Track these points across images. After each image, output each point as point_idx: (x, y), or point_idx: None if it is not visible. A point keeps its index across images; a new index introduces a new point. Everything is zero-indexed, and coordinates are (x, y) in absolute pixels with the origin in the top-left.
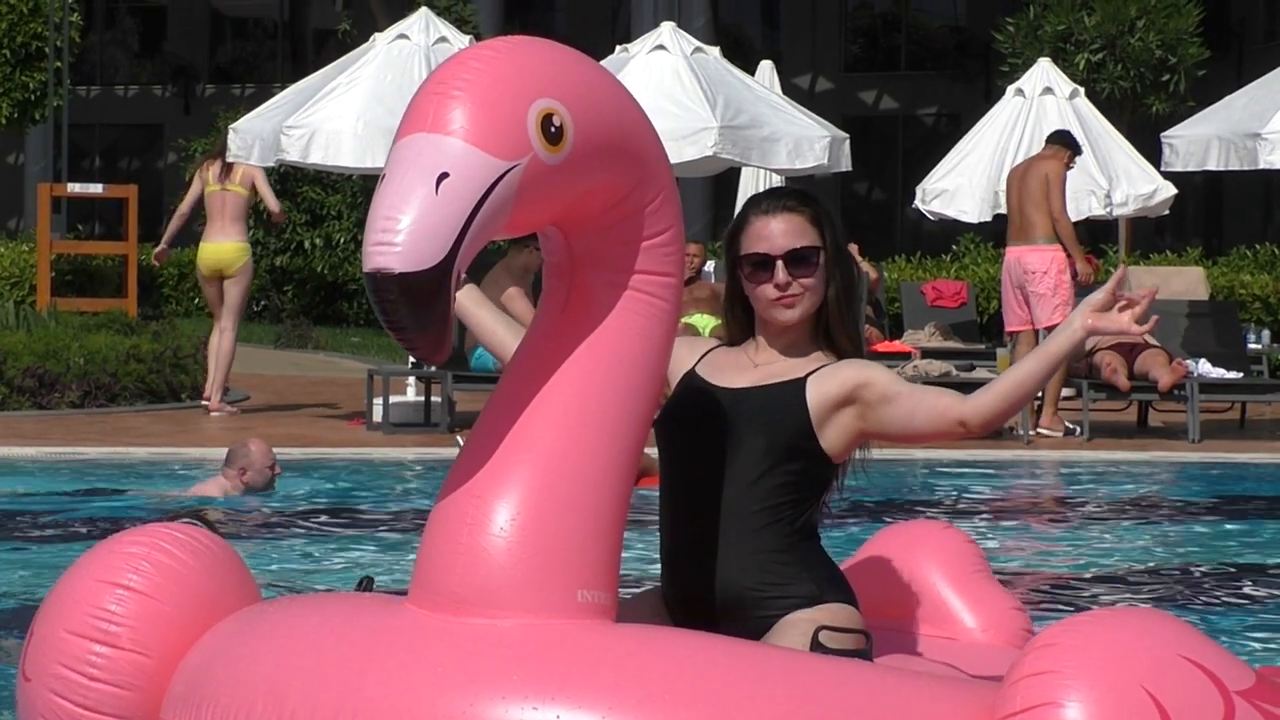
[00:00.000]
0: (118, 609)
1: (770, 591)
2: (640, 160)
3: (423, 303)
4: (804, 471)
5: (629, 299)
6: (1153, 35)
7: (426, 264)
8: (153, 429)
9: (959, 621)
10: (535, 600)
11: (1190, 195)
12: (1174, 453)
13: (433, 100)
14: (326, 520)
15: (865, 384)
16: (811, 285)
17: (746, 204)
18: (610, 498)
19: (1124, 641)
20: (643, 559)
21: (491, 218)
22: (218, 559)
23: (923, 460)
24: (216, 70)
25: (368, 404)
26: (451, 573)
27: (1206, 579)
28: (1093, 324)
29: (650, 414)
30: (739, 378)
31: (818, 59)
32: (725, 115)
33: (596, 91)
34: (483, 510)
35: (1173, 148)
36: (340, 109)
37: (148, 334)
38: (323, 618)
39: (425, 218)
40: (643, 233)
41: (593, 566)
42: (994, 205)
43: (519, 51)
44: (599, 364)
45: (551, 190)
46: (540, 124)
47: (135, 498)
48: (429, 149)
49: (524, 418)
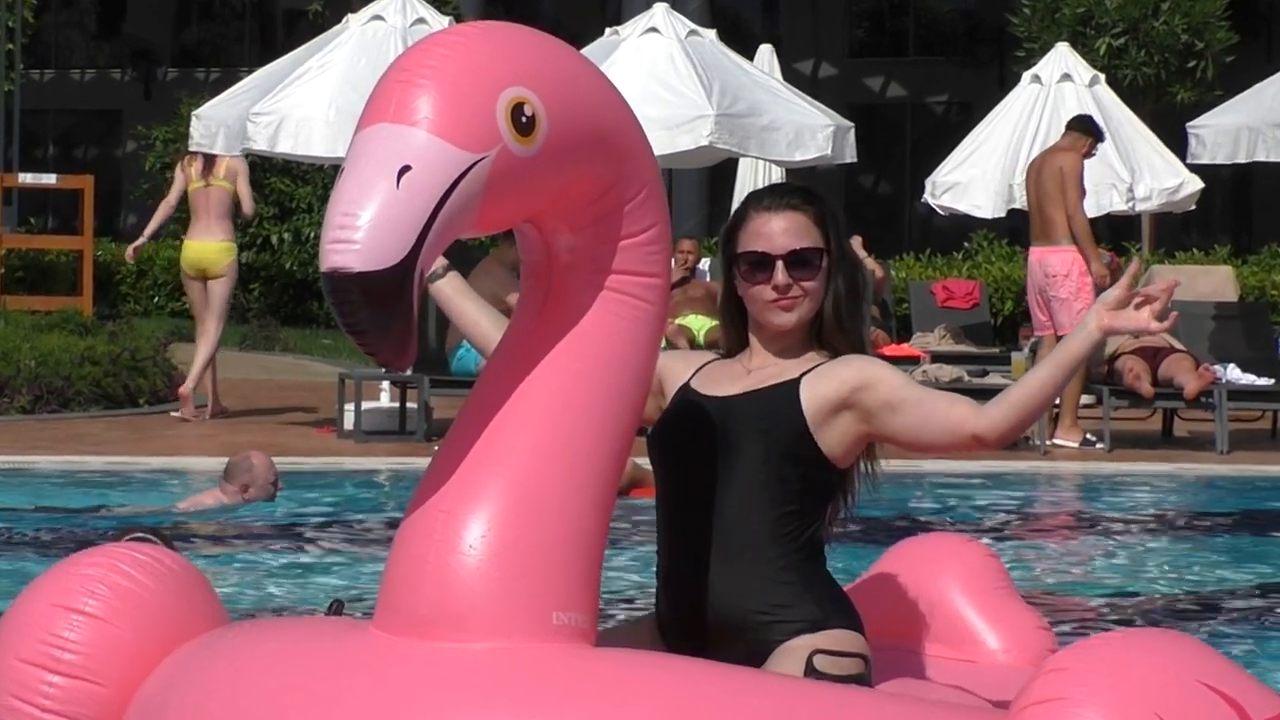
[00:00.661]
0: (72, 635)
1: (772, 615)
2: (621, 153)
3: (383, 304)
4: (805, 478)
5: (610, 300)
6: (1178, 18)
7: (387, 262)
8: (109, 436)
9: (980, 642)
10: (507, 623)
11: (1218, 189)
12: (1201, 464)
13: (396, 88)
14: (294, 535)
15: (865, 385)
16: (812, 289)
17: (747, 199)
18: (589, 513)
19: (1139, 666)
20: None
21: (457, 213)
22: (180, 580)
23: (930, 471)
24: (179, 53)
25: (338, 410)
26: (418, 594)
27: (1236, 599)
28: (1108, 323)
29: (634, 423)
30: (732, 385)
31: (821, 43)
32: (722, 103)
33: (573, 80)
34: (451, 526)
35: (1199, 138)
36: (311, 95)
37: (104, 335)
38: (282, 643)
39: (385, 213)
40: (624, 230)
41: (569, 586)
42: (1008, 199)
43: (490, 37)
44: (578, 369)
45: (523, 184)
46: (510, 114)
47: (118, 514)
48: (391, 140)
49: (497, 427)
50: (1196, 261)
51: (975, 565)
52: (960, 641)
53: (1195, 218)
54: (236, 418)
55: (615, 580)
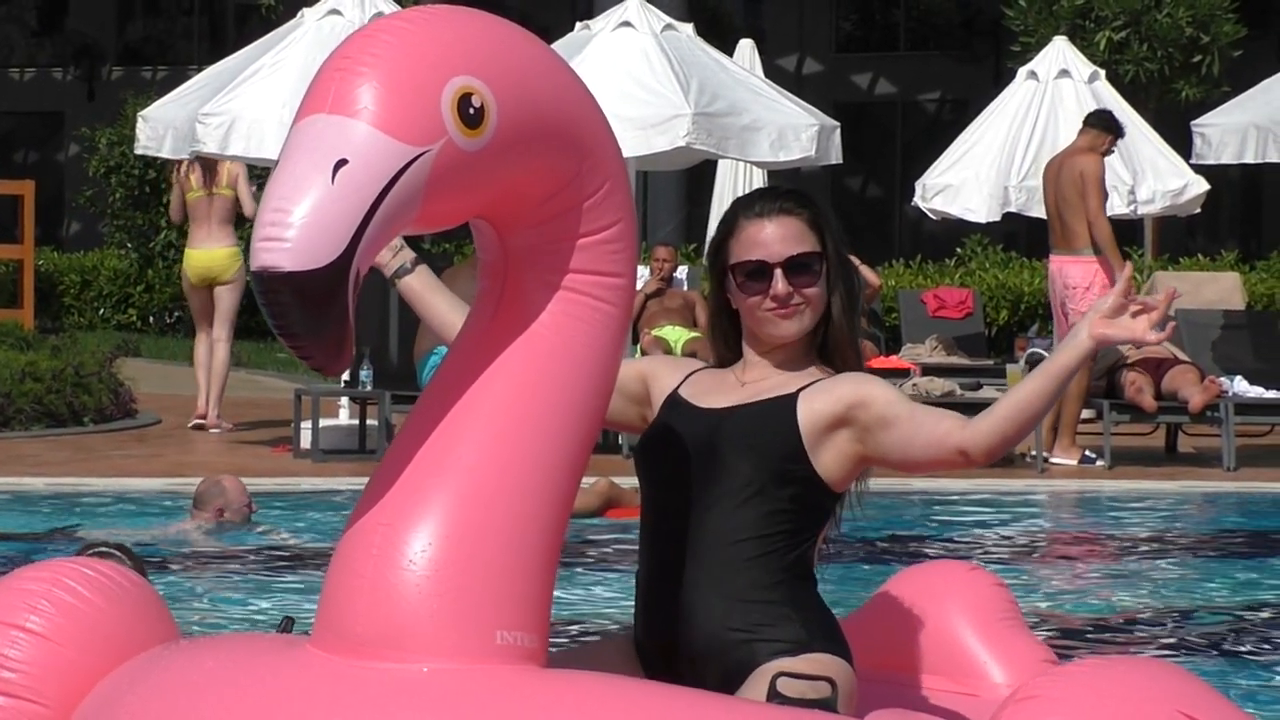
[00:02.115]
0: (12, 653)
1: (754, 634)
2: (580, 147)
3: (316, 305)
4: (797, 499)
5: (569, 301)
6: (1182, 11)
7: (320, 262)
8: (52, 457)
9: (984, 675)
10: (446, 642)
11: (1225, 191)
12: (1206, 482)
13: (334, 78)
14: (248, 557)
15: (861, 403)
16: (813, 296)
17: (735, 205)
18: (539, 527)
19: (1113, 695)
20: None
21: (398, 210)
22: (129, 596)
23: (921, 490)
24: (125, 50)
25: (295, 428)
26: (353, 611)
27: (1243, 623)
28: (1101, 332)
29: (594, 431)
30: (724, 398)
31: (805, 37)
32: (700, 101)
33: (528, 69)
34: (390, 540)
35: (1205, 138)
36: (264, 94)
37: (46, 349)
38: (217, 662)
39: (319, 210)
40: (583, 227)
41: (515, 604)
42: (1003, 203)
43: (438, 23)
44: (531, 374)
45: (471, 179)
46: (457, 104)
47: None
48: (327, 133)
49: (443, 435)
50: (1202, 268)
51: (982, 595)
52: (963, 674)
53: (1201, 221)
54: (187, 435)
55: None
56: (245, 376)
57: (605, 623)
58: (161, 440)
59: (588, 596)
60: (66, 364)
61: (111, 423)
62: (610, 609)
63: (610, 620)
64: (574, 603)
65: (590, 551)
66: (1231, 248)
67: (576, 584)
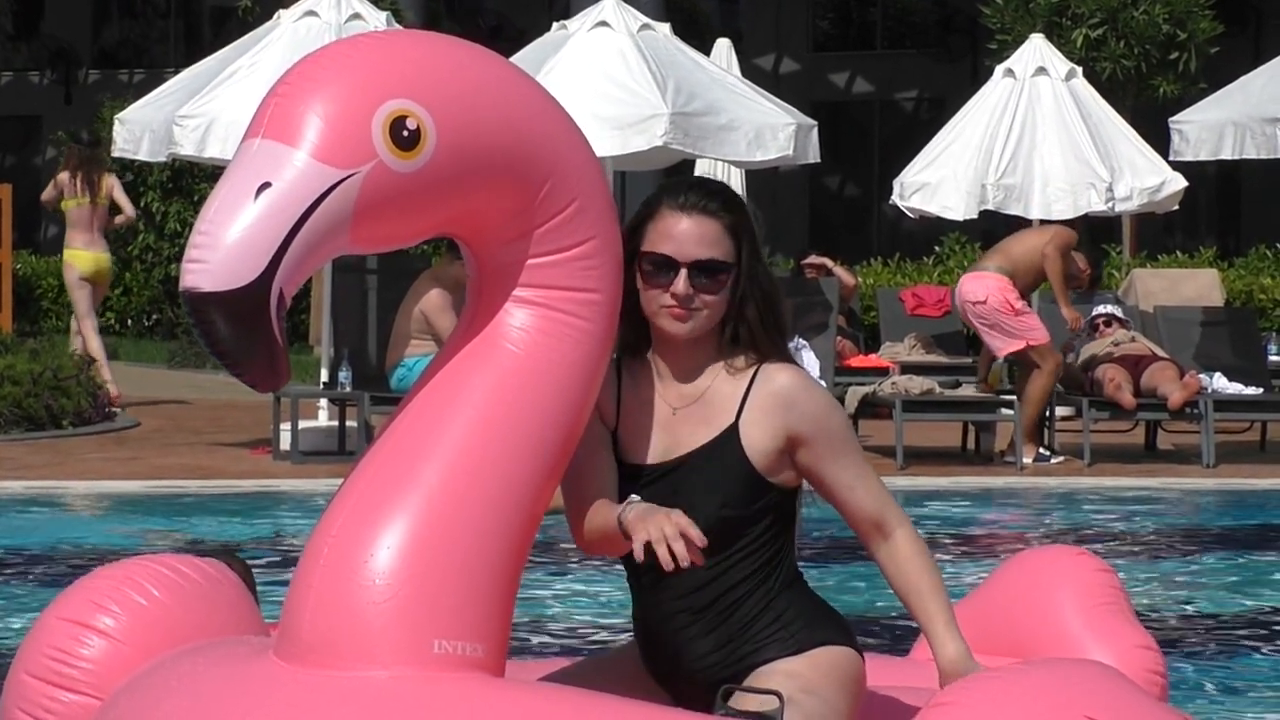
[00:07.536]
0: (80, 651)
1: (758, 645)
2: (539, 167)
3: (242, 325)
4: (768, 508)
5: (543, 318)
6: (1159, 8)
7: (240, 282)
8: (31, 460)
9: (1085, 657)
10: (390, 651)
11: (1203, 188)
12: (1186, 478)
13: (271, 103)
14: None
15: (800, 441)
16: (712, 303)
17: (660, 189)
18: (499, 540)
19: (1022, 703)
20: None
21: (323, 231)
22: (204, 595)
23: (895, 489)
24: (101, 54)
25: (274, 430)
26: (300, 619)
27: (1221, 621)
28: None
29: (568, 446)
30: (663, 440)
31: (782, 36)
32: (677, 101)
33: (477, 93)
34: (337, 550)
35: (1182, 134)
36: (241, 96)
37: (24, 353)
38: (192, 666)
39: (240, 232)
40: (552, 245)
41: (467, 615)
42: (980, 200)
43: (382, 48)
44: (499, 389)
45: (410, 201)
46: (389, 127)
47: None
48: (258, 157)
49: (407, 448)
50: (1180, 264)
51: (1085, 580)
52: (1066, 656)
53: (1179, 218)
54: (166, 439)
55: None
56: (223, 380)
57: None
58: (140, 443)
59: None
60: (45, 368)
61: (90, 425)
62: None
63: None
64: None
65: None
66: (1210, 244)
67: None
